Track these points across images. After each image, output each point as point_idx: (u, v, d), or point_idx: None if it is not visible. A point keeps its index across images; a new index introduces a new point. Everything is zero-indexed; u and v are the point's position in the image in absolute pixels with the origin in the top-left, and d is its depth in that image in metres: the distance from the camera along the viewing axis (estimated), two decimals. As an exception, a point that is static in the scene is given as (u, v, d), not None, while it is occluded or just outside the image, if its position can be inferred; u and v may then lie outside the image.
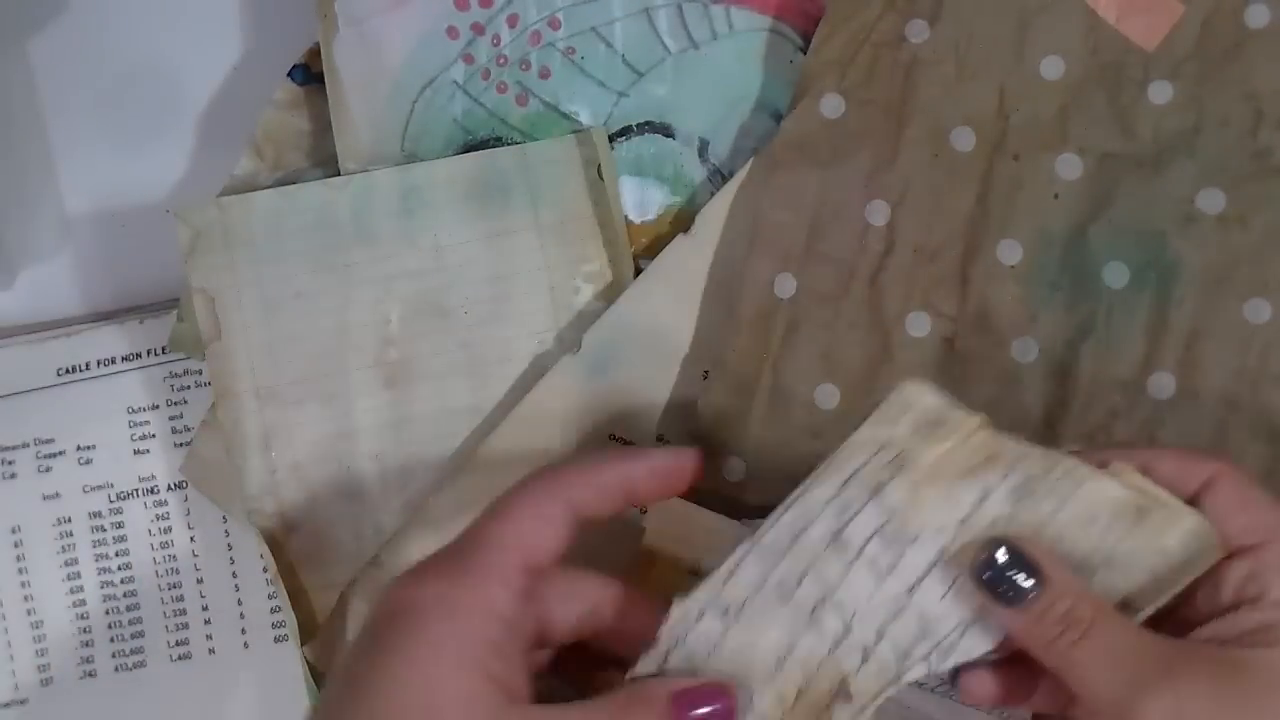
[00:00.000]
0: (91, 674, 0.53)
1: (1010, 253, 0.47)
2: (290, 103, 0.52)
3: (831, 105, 0.48)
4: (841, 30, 0.48)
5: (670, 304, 0.49)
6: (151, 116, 0.54)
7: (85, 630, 0.53)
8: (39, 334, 0.53)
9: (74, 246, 0.54)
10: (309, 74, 0.52)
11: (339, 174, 0.51)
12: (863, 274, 0.48)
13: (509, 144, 0.51)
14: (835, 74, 0.48)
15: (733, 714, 0.37)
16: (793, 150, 0.48)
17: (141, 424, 0.53)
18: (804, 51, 0.50)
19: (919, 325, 0.47)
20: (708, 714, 0.37)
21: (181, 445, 0.53)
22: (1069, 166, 0.47)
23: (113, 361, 0.53)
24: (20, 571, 0.53)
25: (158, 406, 0.53)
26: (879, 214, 0.48)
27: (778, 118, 0.50)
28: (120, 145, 0.54)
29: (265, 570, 0.52)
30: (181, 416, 0.53)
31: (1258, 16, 0.47)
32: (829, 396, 0.48)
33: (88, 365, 0.53)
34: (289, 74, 0.52)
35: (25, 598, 0.53)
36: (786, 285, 0.48)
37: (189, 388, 0.53)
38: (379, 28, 0.50)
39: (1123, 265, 0.47)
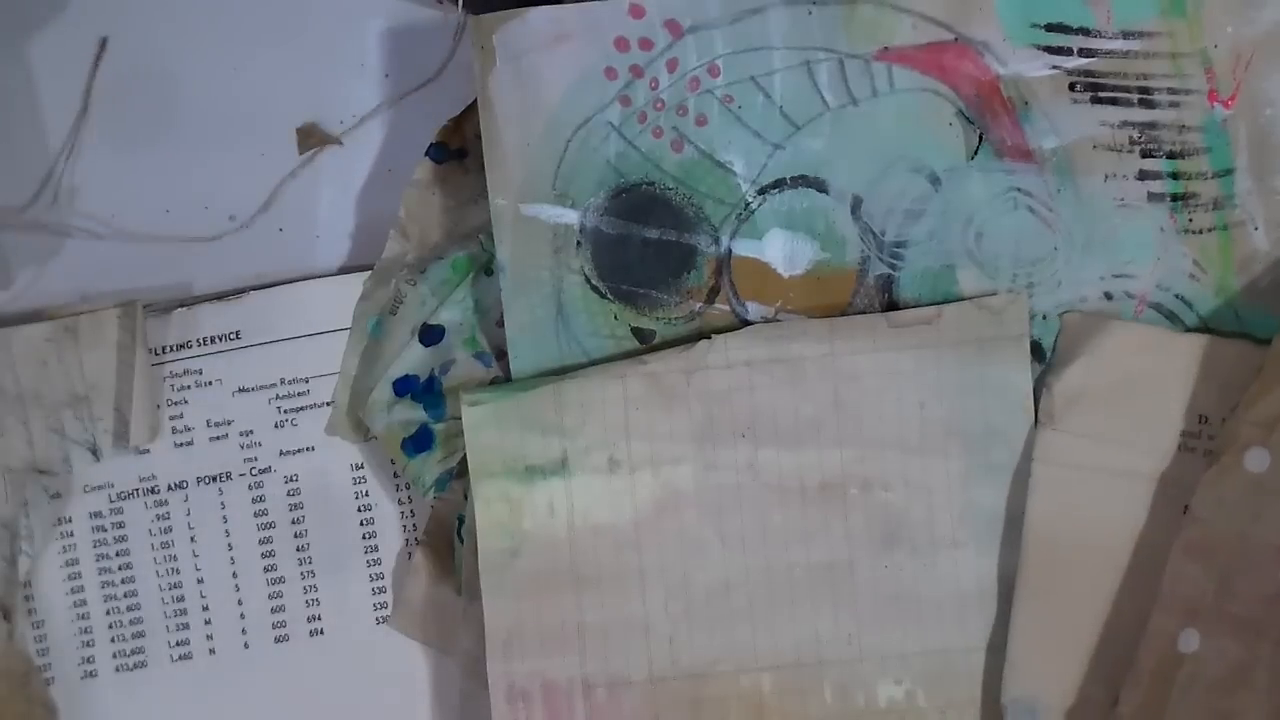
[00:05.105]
0: (92, 674, 0.53)
1: None
2: (430, 181, 0.52)
3: (1257, 459, 0.47)
4: (1275, 391, 0.47)
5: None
6: (151, 116, 0.54)
7: (85, 630, 0.53)
8: (39, 334, 0.53)
9: (73, 247, 0.54)
10: (446, 151, 0.52)
11: (480, 246, 0.51)
12: (1272, 637, 0.46)
13: (661, 189, 0.50)
14: (1263, 432, 0.47)
15: None
16: (1211, 506, 0.47)
17: (142, 424, 0.53)
18: (964, 115, 0.49)
19: None
20: None
21: (181, 445, 0.53)
22: None
23: (113, 361, 0.53)
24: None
25: (158, 407, 0.53)
26: None
27: (933, 179, 0.49)
28: (120, 145, 0.54)
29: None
30: (182, 416, 0.53)
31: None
32: None
33: (88, 365, 0.53)
34: (426, 153, 0.52)
35: (26, 597, 0.53)
36: (1190, 641, 0.47)
37: (189, 388, 0.53)
38: (537, 64, 0.49)
39: None
